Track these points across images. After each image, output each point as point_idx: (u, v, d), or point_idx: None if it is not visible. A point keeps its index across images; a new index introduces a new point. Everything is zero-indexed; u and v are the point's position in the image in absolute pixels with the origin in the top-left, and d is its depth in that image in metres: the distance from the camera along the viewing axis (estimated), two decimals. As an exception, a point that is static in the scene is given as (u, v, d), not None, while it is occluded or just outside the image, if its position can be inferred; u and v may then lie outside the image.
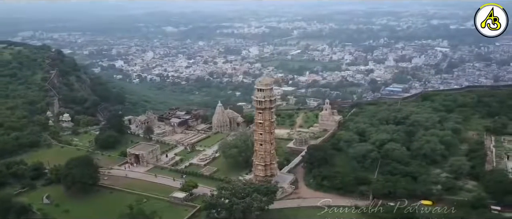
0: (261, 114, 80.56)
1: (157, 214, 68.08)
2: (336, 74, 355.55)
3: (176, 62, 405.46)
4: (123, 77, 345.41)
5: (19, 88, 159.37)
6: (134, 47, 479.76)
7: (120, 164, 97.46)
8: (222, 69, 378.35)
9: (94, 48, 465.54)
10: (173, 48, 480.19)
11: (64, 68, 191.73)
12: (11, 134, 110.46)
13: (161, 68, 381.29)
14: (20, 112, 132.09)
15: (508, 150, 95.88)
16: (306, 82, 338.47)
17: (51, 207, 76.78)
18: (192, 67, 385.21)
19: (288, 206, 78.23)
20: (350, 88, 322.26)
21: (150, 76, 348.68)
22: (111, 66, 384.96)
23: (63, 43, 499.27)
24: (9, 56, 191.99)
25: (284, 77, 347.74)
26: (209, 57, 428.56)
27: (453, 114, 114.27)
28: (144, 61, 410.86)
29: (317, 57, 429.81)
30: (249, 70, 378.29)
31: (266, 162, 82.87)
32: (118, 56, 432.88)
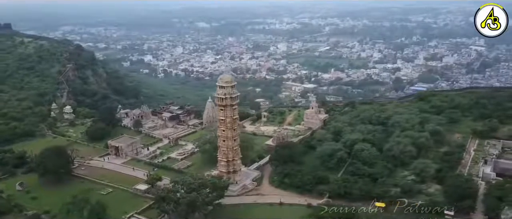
0: (223, 111, 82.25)
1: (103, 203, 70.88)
2: (361, 72, 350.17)
3: (203, 58, 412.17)
4: (150, 72, 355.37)
5: (34, 81, 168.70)
6: (166, 42, 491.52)
7: (100, 155, 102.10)
8: (247, 66, 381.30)
9: (127, 43, 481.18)
10: (203, 43, 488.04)
11: (81, 62, 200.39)
12: (10, 124, 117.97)
13: (188, 63, 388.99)
14: (27, 103, 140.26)
15: (488, 154, 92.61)
16: (329, 80, 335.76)
17: (22, 193, 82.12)
18: (217, 63, 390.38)
19: (244, 202, 79.81)
20: (373, 86, 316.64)
21: (176, 71, 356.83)
22: (140, 60, 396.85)
23: (99, 37, 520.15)
24: (32, 50, 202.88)
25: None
26: (237, 53, 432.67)
27: (442, 115, 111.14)
28: (173, 56, 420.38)
29: (345, 54, 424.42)
30: (273, 67, 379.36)
31: (229, 158, 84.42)
32: (149, 51, 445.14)
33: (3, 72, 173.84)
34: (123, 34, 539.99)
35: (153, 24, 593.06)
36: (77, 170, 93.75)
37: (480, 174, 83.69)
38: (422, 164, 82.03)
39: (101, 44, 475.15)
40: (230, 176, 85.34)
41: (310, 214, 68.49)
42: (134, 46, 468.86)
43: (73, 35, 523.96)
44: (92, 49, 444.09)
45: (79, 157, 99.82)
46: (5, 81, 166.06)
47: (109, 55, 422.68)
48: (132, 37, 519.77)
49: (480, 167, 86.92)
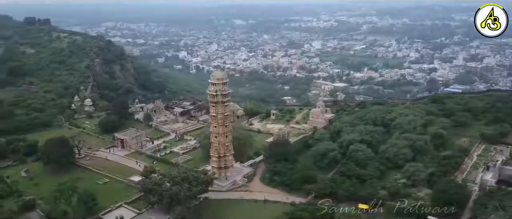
0: (214, 107, 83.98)
1: (92, 192, 74.49)
2: (395, 72, 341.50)
3: (236, 55, 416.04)
4: (183, 68, 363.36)
5: (62, 74, 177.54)
6: (202, 39, 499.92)
7: (106, 147, 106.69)
8: (278, 63, 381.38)
9: (165, 39, 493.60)
10: (238, 41, 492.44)
11: (109, 57, 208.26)
12: (32, 114, 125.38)
13: (220, 60, 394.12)
14: (51, 95, 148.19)
15: (491, 160, 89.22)
16: (360, 79, 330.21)
17: (26, 180, 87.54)
18: (250, 60, 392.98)
19: (230, 197, 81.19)
20: (405, 87, 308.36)
21: (208, 68, 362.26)
22: (175, 56, 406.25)
23: (139, 33, 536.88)
24: (65, 44, 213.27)
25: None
26: (270, 51, 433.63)
27: (452, 118, 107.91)
28: (207, 53, 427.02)
29: (380, 53, 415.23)
30: (305, 65, 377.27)
31: (220, 154, 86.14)
32: (185, 47, 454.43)
33: (36, 65, 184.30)
34: (161, 31, 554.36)
35: (191, 21, 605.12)
36: (82, 160, 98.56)
37: (477, 180, 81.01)
38: (413, 167, 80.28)
39: (140, 40, 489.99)
40: (221, 171, 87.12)
41: (285, 212, 68.94)
42: (171, 42, 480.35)
43: (114, 31, 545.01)
44: (130, 44, 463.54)
45: (86, 148, 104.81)
46: (37, 74, 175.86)
47: (146, 51, 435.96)
48: (170, 33, 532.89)
49: (479, 173, 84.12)
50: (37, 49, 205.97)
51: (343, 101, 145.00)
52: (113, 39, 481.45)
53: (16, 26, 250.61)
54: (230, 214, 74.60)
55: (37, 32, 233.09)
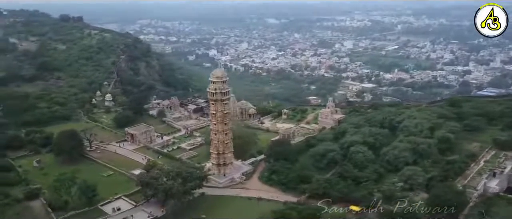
0: (214, 105, 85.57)
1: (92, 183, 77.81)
2: (427, 73, 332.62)
3: (266, 54, 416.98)
4: (211, 66, 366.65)
5: (89, 70, 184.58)
6: (233, 37, 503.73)
7: (117, 141, 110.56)
8: (307, 62, 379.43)
9: (197, 37, 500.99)
10: (269, 39, 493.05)
11: (135, 54, 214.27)
12: (53, 107, 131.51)
13: (249, 59, 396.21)
14: (74, 90, 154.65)
15: (499, 166, 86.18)
16: (390, 80, 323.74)
17: (37, 169, 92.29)
18: (278, 59, 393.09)
19: (226, 194, 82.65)
20: (436, 89, 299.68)
21: (236, 66, 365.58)
22: (205, 54, 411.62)
23: (172, 31, 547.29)
24: (94, 41, 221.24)
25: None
26: (299, 50, 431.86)
27: (464, 122, 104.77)
28: (237, 51, 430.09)
29: (413, 54, 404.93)
30: (334, 64, 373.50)
31: (219, 151, 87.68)
32: (216, 45, 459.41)
33: (64, 61, 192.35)
34: (194, 29, 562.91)
35: (224, 20, 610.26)
36: (92, 153, 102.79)
37: (478, 187, 78.64)
38: (410, 171, 78.75)
39: (173, 37, 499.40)
40: (220, 168, 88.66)
41: (273, 211, 69.55)
42: (203, 40, 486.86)
43: (149, 29, 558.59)
44: (163, 42, 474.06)
45: (98, 141, 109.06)
46: (65, 69, 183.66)
47: (178, 49, 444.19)
48: (203, 32, 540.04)
49: (484, 180, 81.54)
50: (68, 45, 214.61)
51: (357, 103, 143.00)
52: (147, 37, 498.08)
53: (51, 23, 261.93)
54: (222, 210, 76.03)
55: (70, 29, 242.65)
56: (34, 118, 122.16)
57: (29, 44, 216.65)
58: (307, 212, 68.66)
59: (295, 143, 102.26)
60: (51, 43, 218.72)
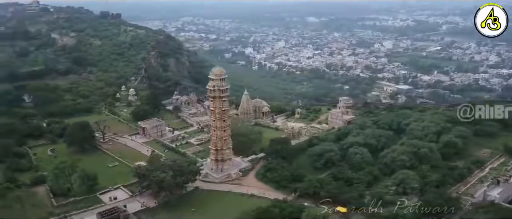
0: (213, 102, 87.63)
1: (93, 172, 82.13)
2: (468, 76, 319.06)
3: (302, 52, 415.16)
4: (246, 64, 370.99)
5: (119, 65, 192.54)
6: (271, 35, 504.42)
7: (130, 134, 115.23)
8: (343, 62, 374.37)
9: (236, 35, 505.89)
10: (307, 38, 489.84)
11: (165, 51, 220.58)
12: (77, 100, 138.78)
13: (284, 57, 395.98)
14: (101, 84, 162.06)
15: (504, 174, 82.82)
16: (427, 82, 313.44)
17: (50, 158, 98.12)
18: (314, 58, 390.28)
19: (221, 189, 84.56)
20: (476, 93, 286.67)
21: (270, 65, 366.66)
22: (241, 52, 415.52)
23: (212, 29, 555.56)
24: (129, 38, 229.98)
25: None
26: (337, 49, 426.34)
27: (477, 126, 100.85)
28: (273, 49, 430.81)
29: (456, 56, 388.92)
30: (371, 65, 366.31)
31: (218, 147, 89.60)
32: (253, 43, 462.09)
33: (98, 55, 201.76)
34: (234, 27, 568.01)
35: (264, 18, 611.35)
36: (104, 144, 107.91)
37: (476, 194, 76.08)
38: (403, 175, 77.23)
39: (213, 35, 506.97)
40: (218, 164, 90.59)
41: (258, 207, 70.56)
42: (241, 38, 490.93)
43: (190, 26, 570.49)
44: (202, 39, 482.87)
45: (112, 133, 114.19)
46: (97, 64, 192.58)
47: (216, 46, 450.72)
48: (242, 30, 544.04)
49: (484, 188, 78.73)
50: (103, 41, 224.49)
51: (373, 104, 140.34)
52: (187, 34, 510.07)
53: (91, 19, 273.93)
54: (212, 205, 77.98)
55: (107, 26, 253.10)
56: (58, 109, 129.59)
57: (68, 39, 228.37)
58: (289, 210, 69.23)
59: (299, 142, 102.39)
60: (88, 38, 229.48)
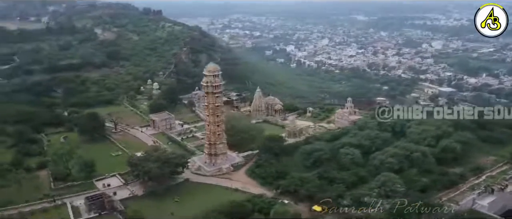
0: (206, 97, 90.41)
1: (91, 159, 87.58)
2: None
3: (344, 51, 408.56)
4: (285, 61, 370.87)
5: (151, 60, 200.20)
6: (316, 33, 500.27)
7: (141, 126, 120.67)
8: (385, 62, 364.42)
9: (280, 32, 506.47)
10: (352, 36, 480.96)
11: (197, 47, 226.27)
12: (101, 92, 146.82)
13: (326, 55, 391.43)
14: (129, 77, 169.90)
15: (501, 183, 78.97)
16: (473, 85, 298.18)
17: (62, 145, 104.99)
18: (356, 56, 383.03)
19: (209, 182, 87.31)
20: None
21: (309, 63, 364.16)
22: (282, 50, 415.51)
23: (259, 26, 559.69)
24: (165, 33, 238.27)
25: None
26: (381, 48, 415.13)
27: (489, 132, 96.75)
28: (315, 47, 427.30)
29: (510, 58, 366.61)
30: (415, 65, 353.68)
31: (211, 141, 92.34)
32: (297, 41, 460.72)
33: (131, 50, 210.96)
34: (279, 24, 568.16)
35: (311, 16, 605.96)
36: (115, 134, 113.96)
37: (462, 203, 73.28)
38: (385, 177, 75.69)
39: (257, 32, 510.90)
40: (212, 158, 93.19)
41: (232, 201, 72.36)
42: (285, 36, 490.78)
43: (237, 23, 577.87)
44: (247, 36, 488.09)
45: (124, 125, 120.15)
46: (130, 58, 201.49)
47: (259, 43, 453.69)
48: (286, 27, 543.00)
49: (473, 195, 75.67)
50: (141, 36, 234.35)
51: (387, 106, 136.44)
52: (233, 31, 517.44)
53: (133, 16, 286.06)
54: (196, 196, 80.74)
55: (147, 22, 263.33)
56: (82, 100, 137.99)
57: (109, 34, 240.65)
58: (261, 205, 70.58)
59: (298, 140, 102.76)
60: (127, 33, 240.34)
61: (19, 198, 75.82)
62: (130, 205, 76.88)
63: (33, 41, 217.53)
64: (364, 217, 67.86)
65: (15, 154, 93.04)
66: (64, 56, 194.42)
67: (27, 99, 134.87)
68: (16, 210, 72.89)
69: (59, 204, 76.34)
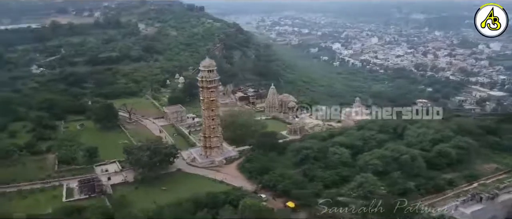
0: (201, 92, 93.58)
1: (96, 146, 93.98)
2: None
3: (393, 50, 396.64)
4: (328, 59, 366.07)
5: (184, 55, 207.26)
6: (366, 32, 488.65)
7: (155, 117, 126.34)
8: (435, 63, 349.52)
9: (328, 30, 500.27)
10: (404, 36, 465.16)
11: (232, 43, 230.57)
12: (128, 84, 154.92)
13: (372, 54, 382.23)
14: (158, 71, 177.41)
15: (490, 191, 75.39)
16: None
17: (77, 131, 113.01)
18: (404, 56, 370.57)
19: (199, 173, 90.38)
20: None
21: (353, 61, 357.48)
22: (328, 48, 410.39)
23: (308, 23, 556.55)
24: (202, 29, 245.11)
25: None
26: (433, 49, 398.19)
27: (499, 139, 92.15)
28: (363, 46, 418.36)
29: None
30: (466, 67, 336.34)
31: (206, 134, 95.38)
32: (345, 39, 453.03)
33: (166, 45, 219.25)
34: (329, 22, 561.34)
35: (364, 13, 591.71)
36: (128, 124, 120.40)
37: (440, 209, 70.87)
38: (362, 179, 74.74)
39: (305, 29, 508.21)
40: (207, 150, 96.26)
41: (208, 192, 74.88)
42: (333, 33, 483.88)
43: (287, 20, 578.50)
44: (295, 33, 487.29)
45: (140, 115, 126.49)
46: (165, 53, 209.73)
47: (306, 41, 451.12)
48: (336, 25, 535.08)
49: (456, 201, 73.02)
50: (179, 32, 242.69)
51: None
52: (282, 28, 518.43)
53: (178, 11, 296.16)
54: (182, 185, 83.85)
55: (189, 18, 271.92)
56: (108, 91, 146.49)
57: (152, 29, 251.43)
58: (233, 197, 72.41)
59: (296, 138, 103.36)
60: (167, 29, 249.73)
61: (22, 178, 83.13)
62: (119, 190, 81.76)
63: (81, 34, 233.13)
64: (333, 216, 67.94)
65: (31, 138, 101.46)
66: (105, 49, 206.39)
67: (59, 88, 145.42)
68: (17, 188, 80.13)
69: (57, 185, 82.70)
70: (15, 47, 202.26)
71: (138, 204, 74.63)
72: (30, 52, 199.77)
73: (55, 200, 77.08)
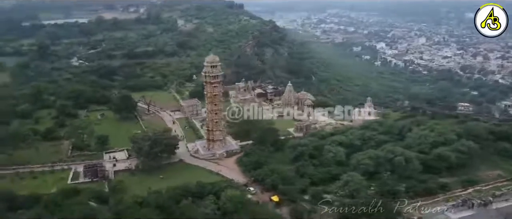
0: (205, 87, 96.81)
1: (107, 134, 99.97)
2: None
3: (441, 51, 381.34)
4: (370, 59, 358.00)
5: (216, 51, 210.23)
6: (414, 31, 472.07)
7: (172, 110, 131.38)
8: (484, 65, 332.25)
9: (375, 29, 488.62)
10: (455, 36, 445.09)
11: (265, 41, 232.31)
12: (154, 78, 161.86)
13: (418, 55, 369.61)
14: (187, 65, 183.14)
15: (483, 198, 72.68)
16: None
17: (97, 121, 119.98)
18: (451, 58, 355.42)
19: (199, 164, 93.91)
20: None
21: (396, 61, 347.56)
22: (372, 47, 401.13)
23: (355, 21, 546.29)
24: (237, 26, 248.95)
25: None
26: (484, 50, 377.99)
27: (504, 145, 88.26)
28: (409, 46, 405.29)
29: None
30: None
31: (209, 128, 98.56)
32: (392, 38, 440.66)
33: (201, 41, 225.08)
34: (377, 20, 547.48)
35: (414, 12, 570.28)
36: (146, 115, 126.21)
37: (425, 213, 69.46)
38: (348, 178, 74.46)
39: (351, 28, 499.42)
40: (209, 143, 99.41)
41: (198, 181, 77.86)
42: (380, 32, 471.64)
43: (332, 18, 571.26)
44: (340, 31, 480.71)
45: (158, 108, 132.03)
46: (198, 48, 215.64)
47: (350, 39, 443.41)
48: (384, 24, 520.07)
49: (443, 207, 71.10)
50: (215, 28, 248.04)
51: (422, 109, 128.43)
52: (328, 26, 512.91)
53: (218, 8, 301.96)
54: (179, 175, 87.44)
55: (227, 15, 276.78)
56: (134, 84, 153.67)
57: (189, 25, 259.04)
58: (217, 189, 74.74)
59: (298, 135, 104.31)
60: (204, 25, 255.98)
61: (36, 161, 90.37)
62: (120, 176, 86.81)
63: (124, 29, 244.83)
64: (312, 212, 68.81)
65: (53, 124, 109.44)
66: (143, 44, 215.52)
67: (90, 80, 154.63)
68: (30, 169, 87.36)
69: (65, 168, 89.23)
70: (61, 41, 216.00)
71: (134, 190, 79.00)
72: (74, 45, 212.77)
73: (61, 182, 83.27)
